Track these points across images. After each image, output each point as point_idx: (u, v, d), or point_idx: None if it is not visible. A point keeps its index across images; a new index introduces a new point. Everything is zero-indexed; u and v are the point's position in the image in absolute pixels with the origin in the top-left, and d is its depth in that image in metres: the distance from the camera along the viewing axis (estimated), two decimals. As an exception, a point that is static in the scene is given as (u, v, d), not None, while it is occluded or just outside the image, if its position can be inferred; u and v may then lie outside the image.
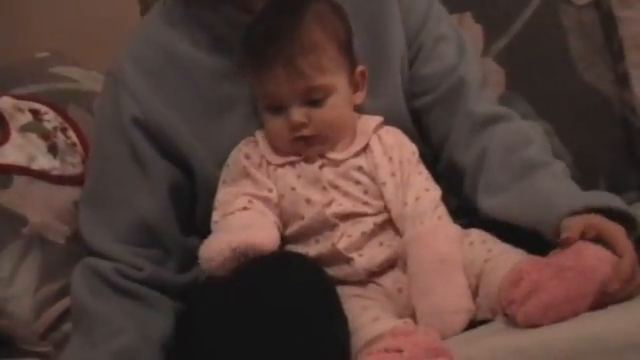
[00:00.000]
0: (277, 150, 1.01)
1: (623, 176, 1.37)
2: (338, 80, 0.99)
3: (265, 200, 0.98)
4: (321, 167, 0.99)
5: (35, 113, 1.26)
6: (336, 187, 0.98)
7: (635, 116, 1.36)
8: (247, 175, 0.99)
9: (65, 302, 1.12)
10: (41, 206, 1.18)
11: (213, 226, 0.98)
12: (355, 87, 1.03)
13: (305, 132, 0.98)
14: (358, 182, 0.99)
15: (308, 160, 1.00)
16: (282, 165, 1.00)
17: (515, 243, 0.96)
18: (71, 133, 1.29)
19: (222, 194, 1.00)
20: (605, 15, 1.37)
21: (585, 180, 1.28)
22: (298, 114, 0.96)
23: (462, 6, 1.40)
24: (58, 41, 1.64)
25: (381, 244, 0.98)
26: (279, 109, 0.98)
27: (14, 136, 1.20)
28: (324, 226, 0.97)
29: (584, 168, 1.33)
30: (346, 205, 0.98)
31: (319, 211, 0.97)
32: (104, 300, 1.01)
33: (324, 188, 0.98)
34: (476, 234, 0.96)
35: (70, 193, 1.21)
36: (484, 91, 1.14)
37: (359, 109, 1.05)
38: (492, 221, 1.00)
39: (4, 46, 1.79)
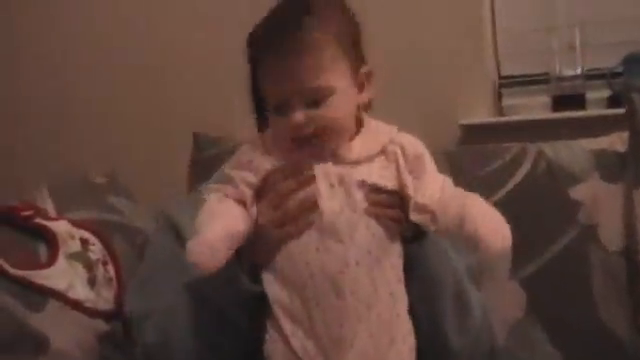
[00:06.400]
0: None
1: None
2: (338, 81, 0.98)
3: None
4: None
5: (84, 242, 1.35)
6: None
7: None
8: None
9: None
10: (67, 333, 1.24)
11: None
12: (360, 87, 1.01)
13: (305, 132, 0.98)
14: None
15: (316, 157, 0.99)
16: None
17: None
18: (110, 267, 1.37)
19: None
20: (632, 264, 1.40)
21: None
22: (298, 115, 0.97)
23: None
24: (112, 163, 1.73)
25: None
26: (282, 108, 0.99)
27: (60, 261, 1.29)
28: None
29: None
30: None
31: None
32: None
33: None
34: None
35: (98, 326, 1.28)
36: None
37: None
38: None
39: (61, 164, 1.89)
